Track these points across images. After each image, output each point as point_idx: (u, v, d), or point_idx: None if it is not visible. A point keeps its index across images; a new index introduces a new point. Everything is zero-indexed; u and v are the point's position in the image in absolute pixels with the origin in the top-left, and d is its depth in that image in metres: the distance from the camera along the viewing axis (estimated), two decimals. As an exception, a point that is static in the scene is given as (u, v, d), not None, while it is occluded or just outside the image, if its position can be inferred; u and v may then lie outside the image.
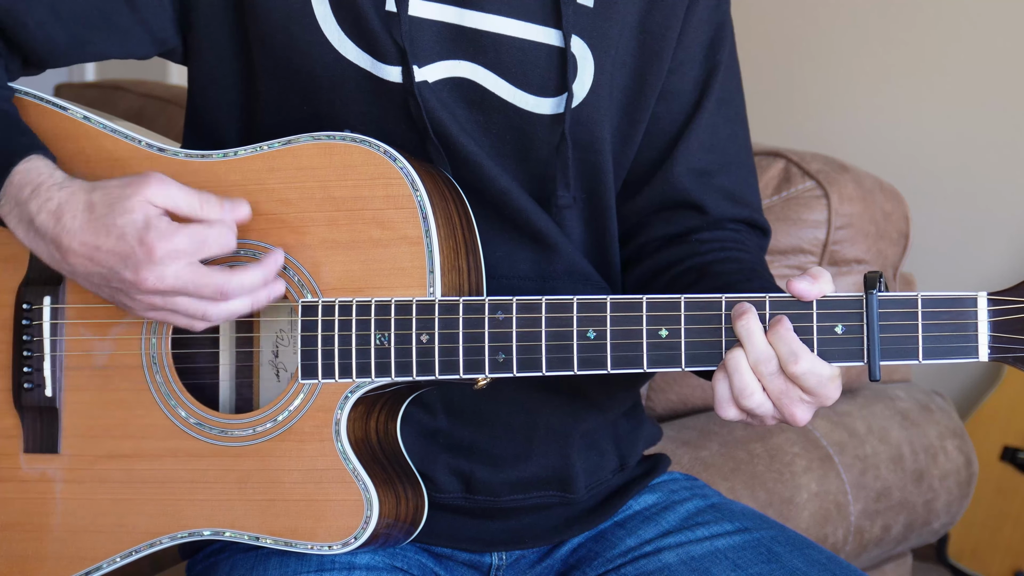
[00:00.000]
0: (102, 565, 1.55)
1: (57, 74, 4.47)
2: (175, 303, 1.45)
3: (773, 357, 1.39)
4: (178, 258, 1.42)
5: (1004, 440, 3.46)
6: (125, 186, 1.44)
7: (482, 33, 1.56)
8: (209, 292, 1.44)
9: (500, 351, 1.44)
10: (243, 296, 1.46)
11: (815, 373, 1.38)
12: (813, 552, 1.61)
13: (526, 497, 1.64)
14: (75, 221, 1.44)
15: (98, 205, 1.43)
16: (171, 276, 1.42)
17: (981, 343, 1.35)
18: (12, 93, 1.58)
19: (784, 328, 1.38)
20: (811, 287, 1.39)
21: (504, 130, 1.58)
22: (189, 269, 1.43)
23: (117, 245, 1.42)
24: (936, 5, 3.81)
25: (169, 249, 1.41)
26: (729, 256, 1.64)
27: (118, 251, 1.42)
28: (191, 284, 1.43)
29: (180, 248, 1.42)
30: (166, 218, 1.43)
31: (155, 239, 1.41)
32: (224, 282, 1.44)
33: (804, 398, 1.40)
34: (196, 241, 1.43)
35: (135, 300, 1.45)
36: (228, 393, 1.57)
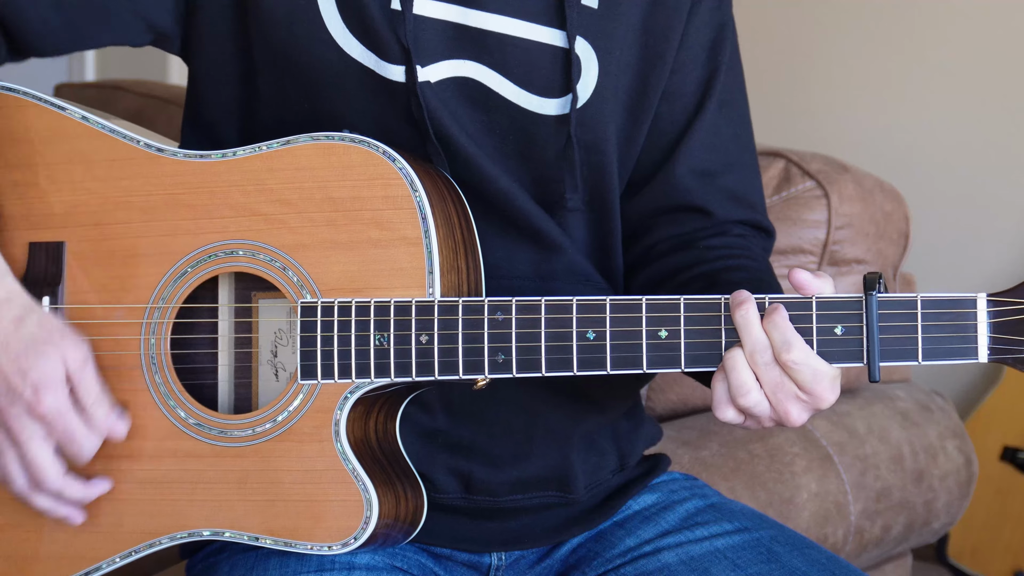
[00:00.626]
0: (101, 565, 1.55)
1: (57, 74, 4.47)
2: (5, 452, 1.49)
3: (768, 347, 1.39)
4: (47, 428, 1.48)
5: (1004, 440, 3.46)
6: (60, 332, 1.48)
7: (486, 33, 1.56)
8: (35, 473, 1.49)
9: (499, 352, 1.44)
10: (50, 499, 1.52)
11: (808, 365, 1.38)
12: (813, 552, 1.61)
13: (525, 497, 1.64)
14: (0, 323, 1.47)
15: (28, 327, 1.47)
16: (27, 435, 1.48)
17: (981, 344, 1.35)
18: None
19: (780, 316, 1.38)
20: (811, 281, 1.39)
21: (507, 131, 1.58)
22: (44, 444, 1.48)
23: (13, 375, 1.46)
24: (936, 5, 3.81)
25: (49, 415, 1.47)
26: (738, 264, 1.64)
27: (10, 380, 1.46)
28: (31, 455, 1.48)
29: (55, 423, 1.47)
30: (68, 388, 1.48)
31: (48, 399, 1.46)
32: (51, 479, 1.50)
33: (799, 395, 1.40)
34: (70, 430, 1.49)
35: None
36: (227, 393, 1.57)
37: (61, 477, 1.50)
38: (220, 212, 1.51)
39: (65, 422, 1.47)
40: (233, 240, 1.50)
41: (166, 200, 1.53)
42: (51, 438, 1.48)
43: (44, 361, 1.46)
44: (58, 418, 1.47)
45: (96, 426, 1.50)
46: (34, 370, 1.45)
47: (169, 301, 1.53)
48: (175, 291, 1.53)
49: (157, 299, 1.53)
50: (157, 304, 1.53)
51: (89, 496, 1.52)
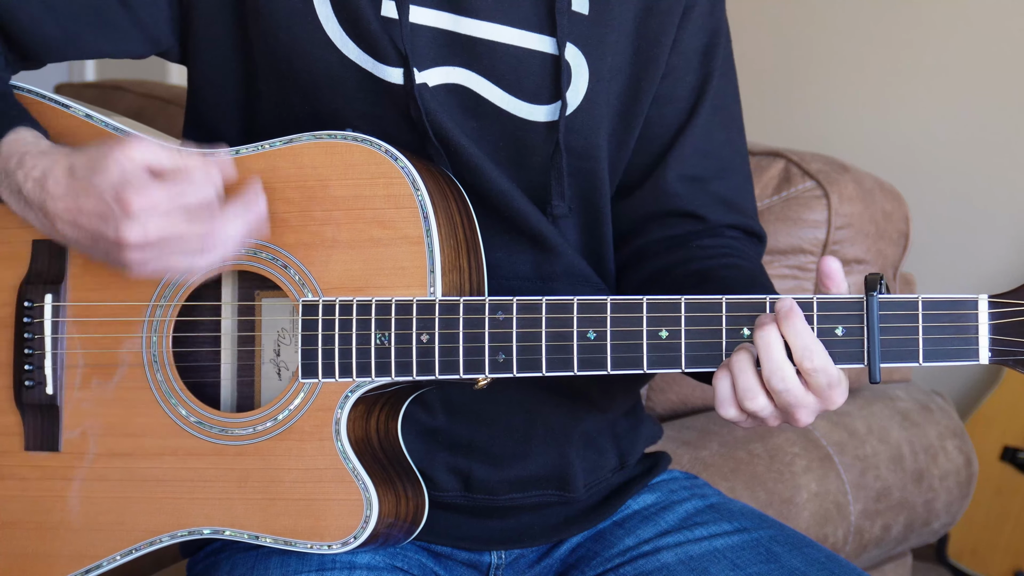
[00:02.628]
0: (102, 563, 1.55)
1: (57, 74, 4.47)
2: (164, 255, 1.42)
3: (791, 373, 1.37)
4: (156, 211, 1.39)
5: (1004, 440, 3.46)
6: (103, 147, 1.42)
7: (477, 40, 1.56)
8: (195, 242, 1.41)
9: (500, 351, 1.44)
10: (232, 241, 1.44)
11: (826, 372, 1.37)
12: (812, 551, 1.61)
13: (525, 496, 1.64)
14: (58, 186, 1.43)
15: (78, 168, 1.42)
16: (153, 229, 1.39)
17: (982, 346, 1.35)
18: (8, 76, 1.58)
19: (797, 318, 1.37)
20: (840, 272, 1.39)
21: (499, 137, 1.58)
22: (170, 222, 1.40)
23: (96, 205, 1.40)
24: (936, 5, 3.81)
25: (145, 203, 1.39)
26: (731, 263, 1.64)
27: (97, 211, 1.41)
28: (174, 235, 1.40)
29: (156, 201, 1.39)
30: (143, 173, 1.41)
31: (131, 194, 1.38)
32: (208, 232, 1.41)
33: (808, 403, 1.39)
34: (173, 192, 1.40)
35: (127, 259, 1.42)
36: (229, 392, 1.57)
37: (213, 221, 1.42)
38: (223, 210, 1.51)
39: (164, 190, 1.40)
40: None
41: (168, 198, 1.53)
42: (171, 211, 1.40)
43: (105, 174, 1.40)
44: (154, 196, 1.40)
45: (196, 168, 1.43)
46: (104, 186, 1.40)
47: (171, 299, 1.53)
48: (177, 289, 1.53)
49: (159, 297, 1.53)
50: (159, 302, 1.54)
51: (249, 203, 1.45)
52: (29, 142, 1.47)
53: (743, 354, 1.39)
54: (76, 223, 1.43)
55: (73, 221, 1.43)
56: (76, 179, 1.42)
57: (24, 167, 1.45)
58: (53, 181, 1.43)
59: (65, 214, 1.43)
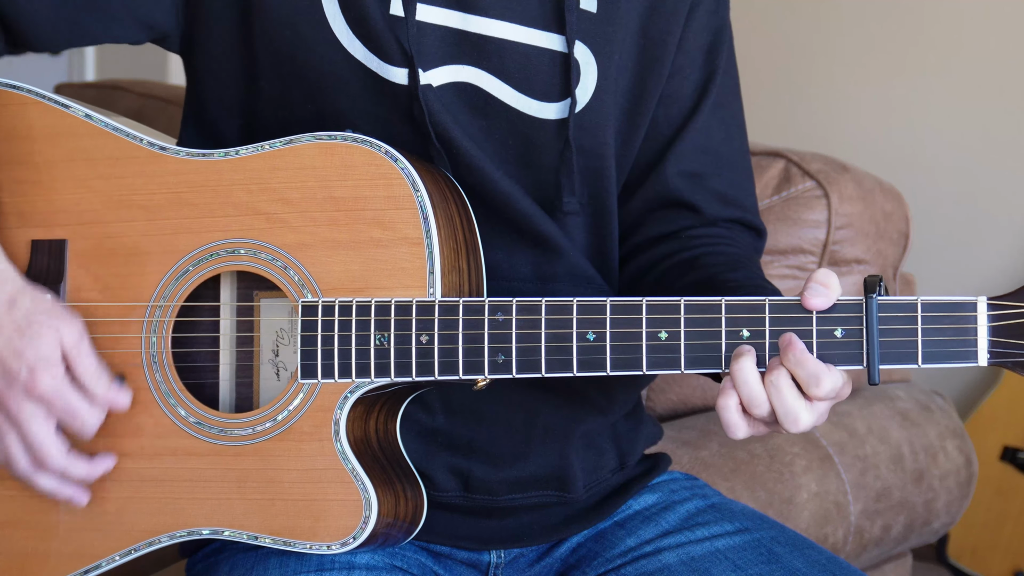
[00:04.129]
0: (101, 563, 1.55)
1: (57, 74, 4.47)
2: (6, 433, 1.49)
3: (766, 402, 1.38)
4: (46, 407, 1.48)
5: (1004, 440, 3.46)
6: (51, 311, 1.48)
7: (486, 38, 1.56)
8: (37, 453, 1.49)
9: (500, 352, 1.44)
10: (54, 480, 1.52)
11: (835, 387, 1.38)
12: (813, 552, 1.61)
13: (524, 496, 1.64)
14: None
15: (20, 308, 1.47)
16: (26, 415, 1.48)
17: (981, 348, 1.35)
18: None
19: (799, 351, 1.37)
20: (826, 300, 1.38)
21: (507, 135, 1.58)
22: (44, 422, 1.49)
23: (9, 356, 1.46)
24: (937, 5, 3.81)
25: (47, 394, 1.47)
26: (716, 250, 1.64)
27: (5, 363, 1.46)
28: (33, 435, 1.48)
29: (55, 401, 1.48)
30: (63, 366, 1.48)
31: (45, 378, 1.47)
32: (53, 458, 1.50)
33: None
34: (71, 407, 1.49)
35: None
36: (228, 392, 1.57)
37: (64, 455, 1.50)
38: (222, 211, 1.51)
39: (65, 399, 1.47)
40: (235, 239, 1.50)
41: (169, 199, 1.53)
42: (52, 417, 1.48)
43: (38, 341, 1.46)
44: (57, 396, 1.47)
45: (97, 400, 1.49)
46: (29, 350, 1.45)
47: (171, 300, 1.53)
48: (176, 289, 1.53)
49: (159, 297, 1.53)
50: (159, 302, 1.53)
51: (93, 473, 1.52)
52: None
53: (745, 362, 1.38)
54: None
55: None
56: (10, 316, 1.47)
57: None
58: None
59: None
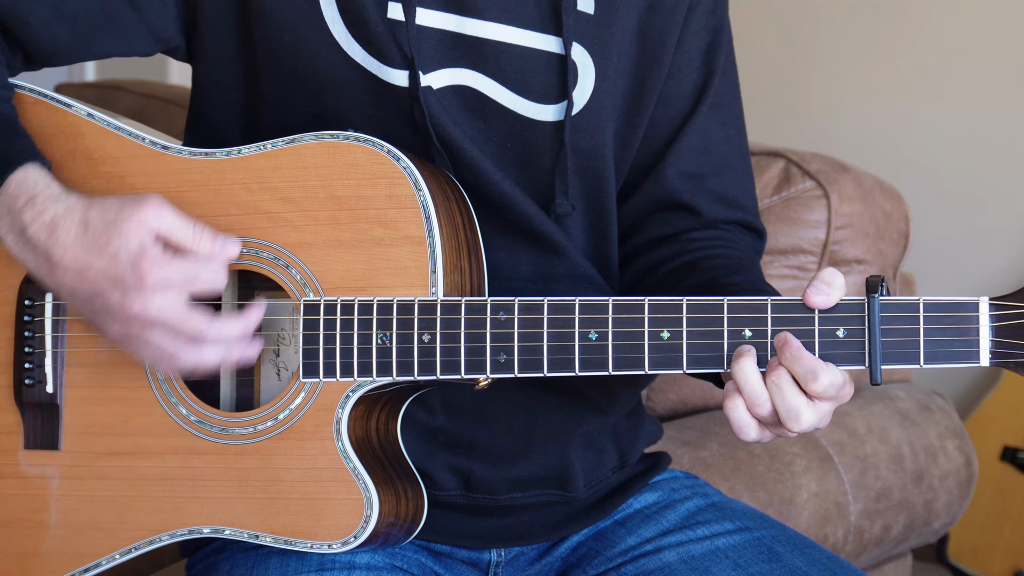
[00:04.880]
0: (101, 562, 1.55)
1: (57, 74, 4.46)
2: (151, 335, 1.44)
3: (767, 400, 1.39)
4: (167, 289, 1.42)
5: (1004, 440, 3.46)
6: (122, 207, 1.43)
7: (483, 41, 1.56)
8: (187, 333, 1.44)
9: (502, 351, 1.44)
10: (218, 346, 1.45)
11: (834, 384, 1.38)
12: (814, 552, 1.62)
13: (525, 495, 1.64)
14: (68, 236, 1.44)
15: (93, 223, 1.43)
16: (155, 307, 1.42)
17: (982, 348, 1.35)
18: (12, 94, 1.58)
19: (795, 348, 1.38)
20: (828, 298, 1.38)
21: (505, 137, 1.58)
22: (175, 303, 1.42)
23: (109, 266, 1.42)
24: (937, 6, 3.81)
25: (160, 278, 1.41)
26: (717, 252, 1.64)
27: (109, 272, 1.42)
28: (172, 319, 1.42)
29: (170, 279, 1.42)
30: (160, 246, 1.43)
31: (148, 266, 1.41)
32: (204, 327, 1.44)
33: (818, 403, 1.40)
34: (188, 275, 1.43)
35: (115, 322, 1.44)
36: (229, 391, 1.57)
37: (208, 321, 1.44)
38: (224, 210, 1.51)
39: (180, 271, 1.43)
40: (237, 238, 1.50)
41: (170, 197, 1.52)
42: (179, 293, 1.43)
43: (125, 239, 1.42)
44: (170, 274, 1.42)
45: (211, 255, 1.45)
46: (122, 251, 1.42)
47: (172, 299, 1.53)
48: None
49: (160, 297, 1.53)
50: (160, 302, 1.53)
51: (248, 322, 1.47)
52: (40, 183, 1.47)
53: (746, 362, 1.39)
54: (82, 275, 1.43)
55: (79, 273, 1.43)
56: (90, 234, 1.43)
57: (34, 208, 1.46)
58: (64, 230, 1.44)
59: (72, 263, 1.43)
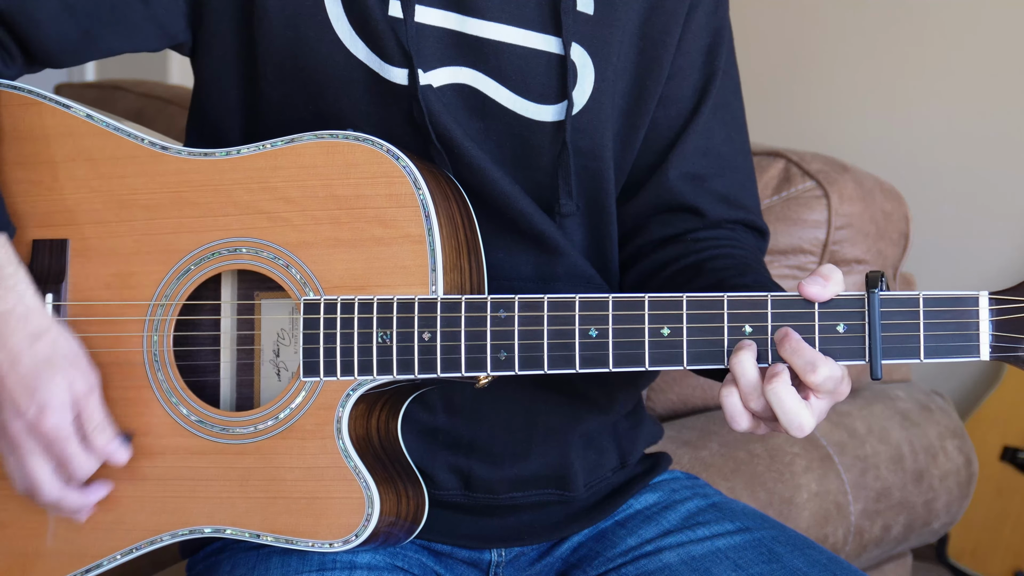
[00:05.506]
0: (102, 562, 1.55)
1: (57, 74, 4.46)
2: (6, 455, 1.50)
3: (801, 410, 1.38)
4: (47, 450, 1.49)
5: (1004, 440, 3.46)
6: (75, 356, 1.49)
7: (483, 40, 1.56)
8: (29, 485, 1.50)
9: (502, 349, 1.44)
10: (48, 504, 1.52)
11: (833, 378, 1.38)
12: (814, 552, 1.61)
13: (525, 495, 1.64)
14: (13, 337, 1.47)
15: (40, 348, 1.48)
16: (26, 452, 1.48)
17: (982, 342, 1.35)
18: None
19: (794, 341, 1.38)
20: (823, 290, 1.38)
21: (504, 137, 1.58)
22: (42, 466, 1.49)
23: (24, 393, 1.47)
24: (937, 6, 3.81)
25: (52, 435, 1.47)
26: (723, 253, 1.64)
27: (21, 396, 1.47)
28: (32, 474, 1.49)
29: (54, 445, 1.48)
30: (70, 416, 1.48)
31: (48, 422, 1.47)
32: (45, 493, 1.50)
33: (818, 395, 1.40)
34: (66, 455, 1.49)
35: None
36: (229, 391, 1.57)
37: (58, 490, 1.51)
38: (224, 210, 1.51)
39: (63, 446, 1.48)
40: (236, 238, 1.50)
41: (170, 198, 1.53)
42: (50, 456, 1.49)
43: (51, 385, 1.47)
44: (56, 441, 1.48)
45: (96, 451, 1.50)
46: (41, 391, 1.46)
47: (172, 299, 1.53)
48: (178, 288, 1.53)
49: (160, 296, 1.53)
50: (160, 301, 1.54)
51: (87, 503, 1.53)
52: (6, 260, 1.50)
53: (744, 355, 1.39)
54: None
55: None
56: (31, 354, 1.47)
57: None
58: (12, 329, 1.47)
59: (2, 361, 1.47)
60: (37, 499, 1.51)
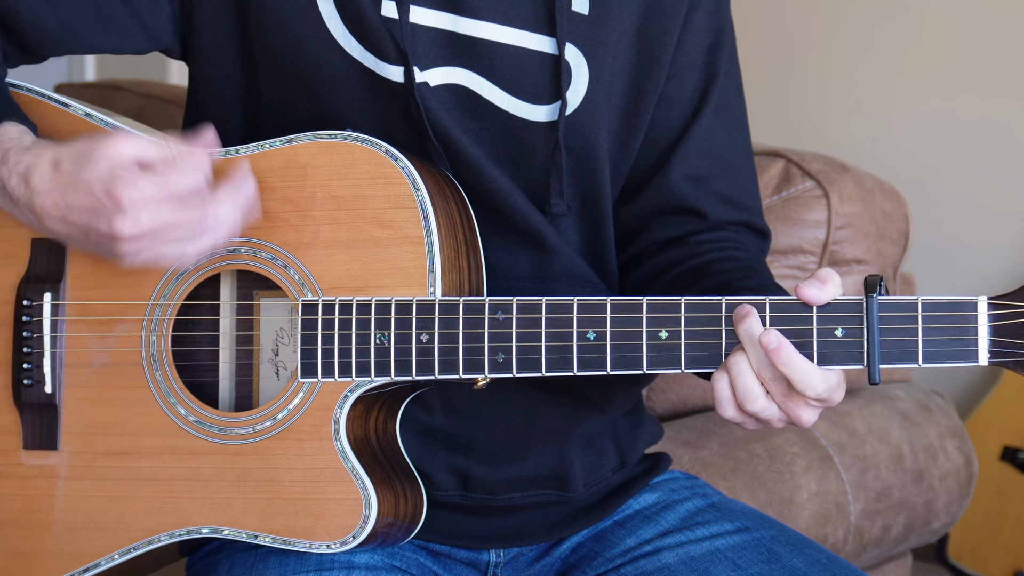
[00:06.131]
0: (101, 562, 1.55)
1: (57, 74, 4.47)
2: (157, 247, 1.41)
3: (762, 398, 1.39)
4: (147, 203, 1.39)
5: (1004, 440, 3.46)
6: (90, 140, 1.42)
7: (477, 40, 1.56)
8: (187, 231, 1.41)
9: (500, 351, 1.44)
10: (225, 225, 1.43)
11: (828, 387, 1.38)
12: (813, 552, 1.61)
13: (524, 496, 1.64)
14: (43, 182, 1.42)
15: (63, 161, 1.41)
16: (146, 221, 1.39)
17: (981, 347, 1.35)
18: (4, 71, 1.58)
19: (787, 354, 1.37)
20: (820, 292, 1.38)
21: (499, 137, 1.58)
22: (160, 211, 1.39)
23: (86, 200, 1.40)
24: (936, 5, 3.81)
25: (135, 195, 1.38)
26: (727, 255, 1.64)
27: (88, 206, 1.40)
28: (166, 225, 1.40)
29: (146, 193, 1.39)
30: (131, 166, 1.40)
31: (121, 188, 1.38)
32: (201, 218, 1.41)
33: (810, 402, 1.40)
34: (162, 182, 1.39)
35: (120, 251, 1.41)
36: (228, 391, 1.57)
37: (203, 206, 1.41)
38: (222, 210, 1.51)
39: (152, 181, 1.40)
40: (235, 238, 1.50)
41: (169, 197, 1.53)
42: (162, 201, 1.40)
43: (94, 169, 1.40)
44: (144, 187, 1.39)
45: (190, 162, 1.42)
46: (93, 181, 1.39)
47: (170, 299, 1.53)
48: (176, 288, 1.53)
49: (159, 296, 1.53)
50: (159, 301, 1.53)
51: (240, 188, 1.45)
52: (13, 137, 1.46)
53: (739, 355, 1.39)
54: (65, 219, 1.42)
55: (62, 217, 1.42)
56: (62, 173, 1.41)
57: (7, 163, 1.44)
58: (38, 177, 1.42)
59: (53, 210, 1.42)
60: (210, 226, 1.42)
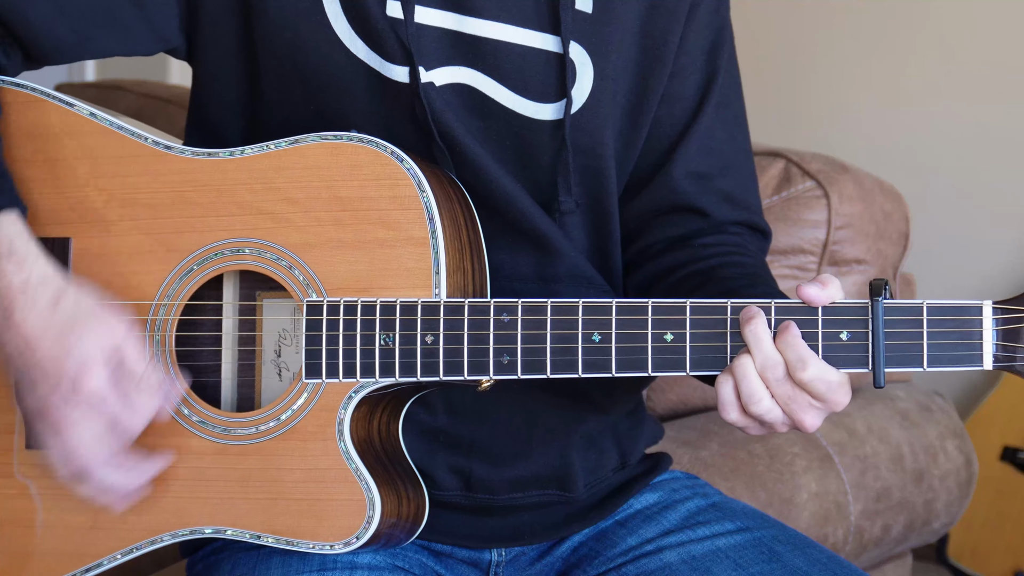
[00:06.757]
0: (102, 562, 1.55)
1: (57, 74, 4.46)
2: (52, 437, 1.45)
3: (780, 363, 1.38)
4: (89, 413, 1.43)
5: (1004, 440, 3.46)
6: (96, 306, 1.45)
7: (481, 40, 1.56)
8: (76, 463, 1.45)
9: (504, 353, 1.44)
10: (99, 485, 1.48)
11: (824, 379, 1.38)
12: (814, 551, 1.62)
13: (525, 496, 1.64)
14: (36, 306, 1.43)
15: (63, 307, 1.44)
16: (71, 423, 1.43)
17: (986, 351, 1.35)
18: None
19: (792, 335, 1.38)
20: (820, 293, 1.38)
21: (504, 136, 1.58)
22: (89, 432, 1.44)
23: (56, 359, 1.42)
24: (937, 6, 3.81)
25: (90, 399, 1.42)
26: (732, 260, 1.64)
27: (53, 365, 1.42)
28: (76, 444, 1.44)
29: (97, 406, 1.43)
30: (110, 365, 1.43)
31: (87, 380, 1.42)
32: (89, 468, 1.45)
33: (813, 404, 1.39)
34: (114, 411, 1.43)
35: (31, 399, 1.45)
36: (230, 392, 1.57)
37: (109, 461, 1.45)
38: (227, 210, 1.51)
39: (107, 405, 1.43)
40: (239, 238, 1.50)
41: (173, 198, 1.53)
42: (94, 419, 1.43)
43: (81, 344, 1.42)
44: (98, 401, 1.43)
45: (141, 405, 1.45)
46: (73, 352, 1.42)
47: (174, 299, 1.53)
48: (180, 288, 1.53)
49: (162, 296, 1.53)
50: (162, 301, 1.53)
51: (142, 479, 1.49)
52: (21, 238, 1.46)
53: (744, 357, 1.39)
54: (30, 348, 1.43)
55: (28, 344, 1.43)
56: (56, 316, 1.43)
57: (12, 261, 1.45)
58: (34, 298, 1.44)
59: (29, 332, 1.43)
60: (87, 479, 1.46)
